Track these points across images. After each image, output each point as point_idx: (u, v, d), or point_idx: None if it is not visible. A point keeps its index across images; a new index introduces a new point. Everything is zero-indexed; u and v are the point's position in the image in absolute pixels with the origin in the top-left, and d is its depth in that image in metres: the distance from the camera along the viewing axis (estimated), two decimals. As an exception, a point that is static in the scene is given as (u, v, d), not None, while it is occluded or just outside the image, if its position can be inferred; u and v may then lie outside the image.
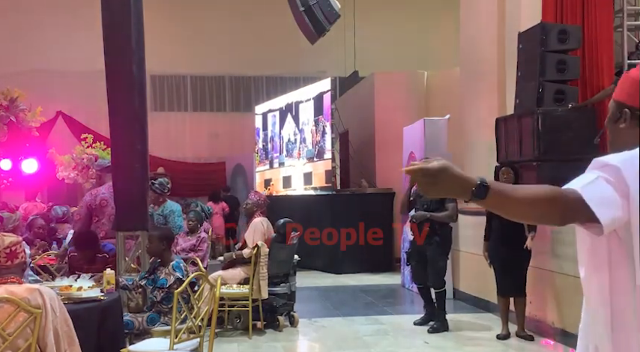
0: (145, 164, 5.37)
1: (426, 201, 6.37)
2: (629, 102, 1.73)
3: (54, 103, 13.78)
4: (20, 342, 3.04)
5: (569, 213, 1.54)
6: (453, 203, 6.35)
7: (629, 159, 1.58)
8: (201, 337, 4.09)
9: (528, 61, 6.67)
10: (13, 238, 3.26)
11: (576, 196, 1.52)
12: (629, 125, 1.73)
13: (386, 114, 11.42)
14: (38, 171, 12.31)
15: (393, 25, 14.58)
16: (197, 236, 6.80)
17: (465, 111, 8.51)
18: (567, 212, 1.54)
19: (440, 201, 6.33)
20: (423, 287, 6.56)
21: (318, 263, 10.56)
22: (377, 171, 11.64)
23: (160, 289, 4.69)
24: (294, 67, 14.65)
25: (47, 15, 13.90)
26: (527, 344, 5.77)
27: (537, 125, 6.20)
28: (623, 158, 1.58)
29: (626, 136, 1.73)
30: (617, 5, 7.53)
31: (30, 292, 3.08)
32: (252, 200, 6.75)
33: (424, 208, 6.37)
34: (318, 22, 6.41)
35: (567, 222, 1.57)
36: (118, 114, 5.30)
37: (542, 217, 1.62)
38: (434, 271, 6.41)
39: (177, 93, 15.31)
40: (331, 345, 6.01)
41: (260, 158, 13.90)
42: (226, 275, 6.37)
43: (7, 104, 11.59)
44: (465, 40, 8.71)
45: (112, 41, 5.27)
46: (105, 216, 5.92)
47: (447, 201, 6.33)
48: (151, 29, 5.99)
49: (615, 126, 1.76)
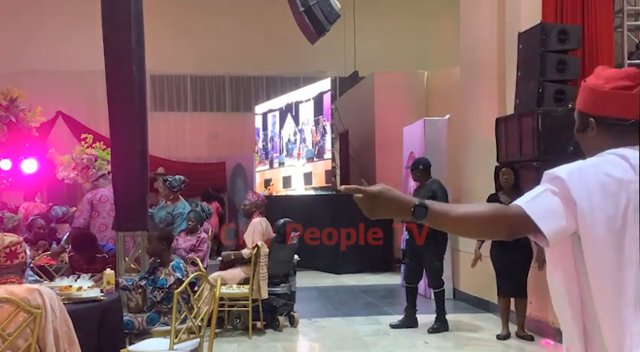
0: (145, 164, 5.38)
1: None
2: (593, 111, 1.75)
3: (54, 103, 13.77)
4: (20, 342, 3.04)
5: (515, 227, 1.61)
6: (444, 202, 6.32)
7: (575, 170, 1.62)
8: (201, 337, 4.09)
9: (528, 61, 6.66)
10: (14, 238, 3.26)
11: (519, 211, 1.60)
12: (596, 133, 1.75)
13: (386, 115, 11.41)
14: (38, 171, 12.31)
15: (393, 25, 14.57)
16: (197, 236, 6.80)
17: (465, 111, 8.50)
18: (512, 227, 1.61)
19: (431, 199, 6.30)
20: (412, 287, 6.55)
21: (318, 263, 10.56)
22: (377, 171, 11.63)
23: (160, 289, 4.69)
24: (294, 67, 14.64)
25: (47, 15, 13.89)
26: (527, 344, 5.77)
27: (537, 125, 6.19)
28: (570, 169, 1.63)
29: (596, 144, 1.75)
30: (617, 5, 7.52)
31: (30, 292, 3.08)
32: (250, 200, 6.75)
33: None
34: (318, 22, 6.40)
35: (516, 235, 1.64)
36: (118, 114, 5.30)
37: (486, 233, 1.72)
38: (431, 272, 6.40)
39: (177, 93, 15.30)
40: (331, 345, 6.01)
41: (260, 158, 13.89)
42: (226, 276, 6.37)
43: (7, 104, 11.59)
44: (465, 40, 8.71)
45: (112, 41, 5.27)
46: (105, 212, 6.03)
47: (437, 200, 6.29)
48: (151, 29, 5.99)
49: (584, 136, 1.79)
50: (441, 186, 6.46)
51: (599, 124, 1.74)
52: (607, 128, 1.72)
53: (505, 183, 5.98)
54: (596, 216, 1.56)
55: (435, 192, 6.31)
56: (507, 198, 5.97)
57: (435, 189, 6.36)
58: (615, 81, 1.72)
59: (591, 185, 1.58)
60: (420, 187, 6.51)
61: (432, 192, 6.31)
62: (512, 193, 5.98)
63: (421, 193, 6.40)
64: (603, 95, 1.72)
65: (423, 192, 6.38)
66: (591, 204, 1.57)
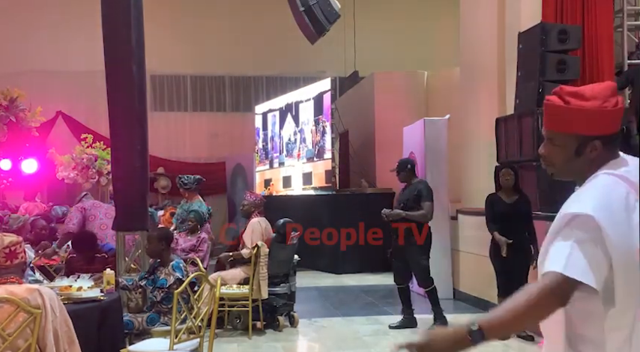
0: (145, 164, 5.38)
1: (402, 200, 6.37)
2: (598, 132, 1.73)
3: (54, 103, 13.76)
4: (20, 342, 3.04)
5: (565, 296, 1.60)
6: (429, 202, 6.30)
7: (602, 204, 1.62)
8: (201, 337, 4.09)
9: (528, 61, 6.66)
10: (13, 238, 3.26)
11: (561, 278, 1.57)
12: (599, 153, 1.74)
13: (386, 114, 11.41)
14: (38, 171, 12.32)
15: (393, 25, 14.56)
16: (197, 236, 6.81)
17: (464, 111, 8.50)
18: (563, 297, 1.60)
19: (416, 199, 6.30)
20: (402, 287, 6.52)
21: (318, 263, 10.55)
22: (377, 171, 11.63)
23: (160, 289, 4.69)
24: (294, 67, 14.63)
25: (47, 15, 13.88)
26: (527, 344, 5.77)
27: (537, 125, 6.19)
28: (593, 204, 1.62)
29: (596, 163, 1.75)
30: (617, 5, 7.53)
31: (30, 292, 3.08)
32: (249, 200, 6.75)
33: (401, 207, 6.34)
34: (318, 22, 6.40)
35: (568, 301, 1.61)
36: (118, 114, 5.30)
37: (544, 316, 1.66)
38: (418, 271, 6.35)
39: (177, 93, 15.29)
40: (331, 345, 6.01)
41: (260, 158, 13.89)
42: (226, 276, 6.37)
43: (7, 104, 11.60)
44: (464, 40, 8.71)
45: (112, 41, 5.27)
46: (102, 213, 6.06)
47: (422, 199, 6.29)
48: (151, 29, 5.99)
49: (581, 159, 1.76)
50: (427, 185, 6.43)
51: (604, 142, 1.74)
52: (608, 145, 1.74)
53: (505, 184, 5.98)
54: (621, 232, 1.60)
55: (420, 191, 6.30)
56: (507, 198, 5.97)
57: (420, 188, 6.34)
58: (609, 98, 1.73)
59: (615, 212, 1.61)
60: (405, 187, 6.48)
61: (418, 191, 6.30)
62: (511, 193, 5.98)
63: (406, 193, 6.39)
64: (608, 114, 1.73)
65: (408, 192, 6.37)
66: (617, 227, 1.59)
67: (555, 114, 1.76)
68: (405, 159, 6.79)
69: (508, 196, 5.98)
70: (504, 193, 6.00)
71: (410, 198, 6.31)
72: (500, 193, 6.04)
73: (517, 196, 5.98)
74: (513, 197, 5.97)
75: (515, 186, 6.00)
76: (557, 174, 1.83)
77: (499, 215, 5.95)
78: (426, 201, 6.27)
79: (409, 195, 6.37)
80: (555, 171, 1.82)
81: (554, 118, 1.77)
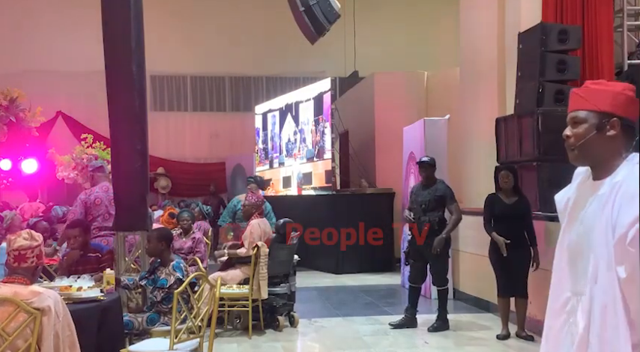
0: (145, 164, 5.37)
1: (423, 201, 6.37)
2: (617, 111, 1.86)
3: (54, 103, 13.77)
4: (20, 342, 3.04)
5: None
6: (455, 203, 6.37)
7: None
8: (201, 337, 4.09)
9: (528, 61, 6.66)
10: (24, 243, 3.25)
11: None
12: (617, 133, 1.86)
13: (386, 114, 11.41)
14: (38, 171, 12.32)
15: (393, 25, 14.57)
16: (191, 237, 6.81)
17: (464, 111, 8.51)
18: None
19: (437, 200, 6.32)
20: (416, 287, 6.55)
21: (318, 263, 10.55)
22: (377, 171, 11.64)
23: (160, 289, 4.68)
24: (294, 67, 14.64)
25: (47, 15, 13.89)
26: (527, 344, 5.77)
27: (537, 125, 6.20)
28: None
29: (614, 144, 1.86)
30: (617, 5, 7.53)
31: (34, 294, 3.09)
32: (249, 201, 6.73)
33: (422, 208, 6.36)
34: (318, 22, 6.40)
35: None
36: (118, 114, 5.30)
37: None
38: (436, 270, 6.41)
39: (177, 94, 15.29)
40: (331, 345, 6.01)
41: (260, 158, 13.89)
42: (226, 276, 6.36)
43: (7, 104, 11.61)
44: (465, 40, 8.71)
45: (112, 41, 5.27)
46: (100, 215, 5.99)
47: (449, 202, 6.33)
48: (150, 29, 5.99)
49: (599, 136, 1.87)
50: (448, 187, 6.48)
51: (623, 125, 1.86)
52: (624, 129, 1.86)
53: (504, 186, 5.99)
54: None
55: (444, 193, 6.35)
56: (506, 199, 5.97)
57: (443, 189, 6.38)
58: (630, 90, 1.89)
59: None
60: (425, 186, 6.47)
61: (441, 193, 6.33)
62: (511, 195, 5.99)
63: (426, 194, 6.38)
64: (627, 99, 1.87)
65: (428, 193, 6.37)
66: None
67: (580, 96, 1.92)
68: (433, 158, 6.67)
69: (508, 197, 5.98)
70: (504, 194, 6.01)
71: (431, 200, 6.31)
72: (500, 194, 6.04)
73: (517, 197, 5.98)
74: (513, 198, 5.98)
75: (515, 187, 6.00)
76: (577, 158, 1.92)
77: (499, 215, 5.95)
78: (453, 203, 6.35)
79: (430, 196, 6.36)
80: (576, 153, 1.91)
81: (578, 99, 1.92)
